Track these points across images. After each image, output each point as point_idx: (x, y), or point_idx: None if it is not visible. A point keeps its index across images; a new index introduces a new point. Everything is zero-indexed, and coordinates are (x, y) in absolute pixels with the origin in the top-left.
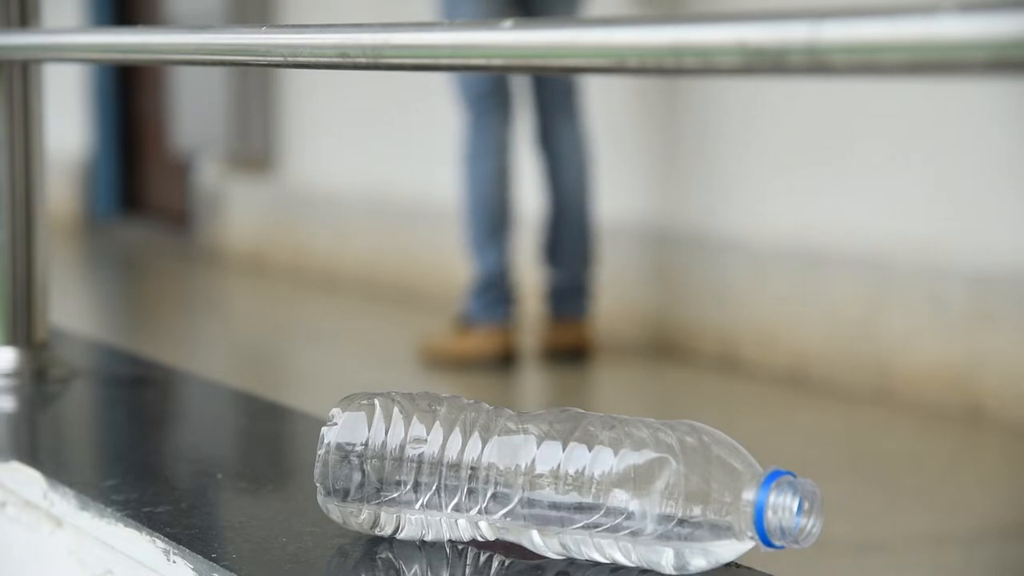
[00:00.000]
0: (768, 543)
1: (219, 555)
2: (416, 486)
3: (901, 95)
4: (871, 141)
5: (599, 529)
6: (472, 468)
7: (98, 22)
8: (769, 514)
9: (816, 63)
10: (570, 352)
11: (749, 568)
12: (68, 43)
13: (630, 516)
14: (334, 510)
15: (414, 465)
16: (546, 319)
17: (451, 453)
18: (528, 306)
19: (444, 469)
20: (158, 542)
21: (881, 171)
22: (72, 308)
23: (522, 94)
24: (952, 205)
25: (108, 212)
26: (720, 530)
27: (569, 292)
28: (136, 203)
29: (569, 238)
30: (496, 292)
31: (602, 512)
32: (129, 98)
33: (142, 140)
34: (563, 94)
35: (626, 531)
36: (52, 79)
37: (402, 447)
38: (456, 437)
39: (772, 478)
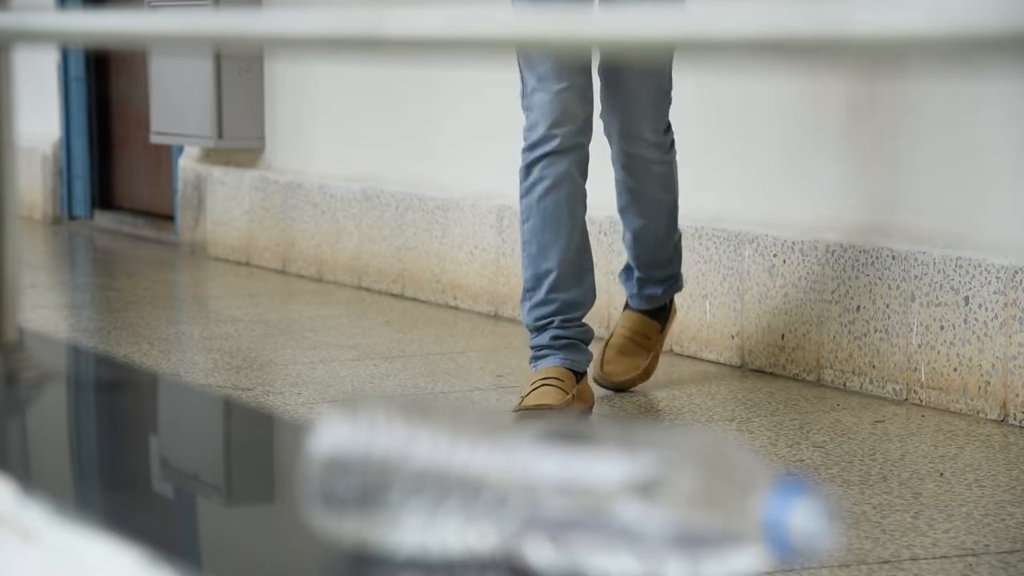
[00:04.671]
0: (777, 552)
1: (202, 568)
2: (410, 496)
3: (925, 86)
4: (894, 134)
5: (605, 538)
6: (470, 476)
7: (73, 3)
8: (779, 522)
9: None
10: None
11: None
12: (41, 25)
13: (637, 524)
14: (323, 521)
15: (408, 474)
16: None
17: (447, 461)
18: None
19: (440, 478)
20: (137, 555)
21: (906, 166)
22: (45, 307)
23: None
24: (982, 201)
25: (83, 205)
26: (729, 539)
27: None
28: (114, 196)
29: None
30: None
31: (608, 520)
32: (106, 84)
33: (121, 129)
34: None
35: (633, 539)
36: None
37: (396, 455)
38: (453, 444)
39: (783, 486)
